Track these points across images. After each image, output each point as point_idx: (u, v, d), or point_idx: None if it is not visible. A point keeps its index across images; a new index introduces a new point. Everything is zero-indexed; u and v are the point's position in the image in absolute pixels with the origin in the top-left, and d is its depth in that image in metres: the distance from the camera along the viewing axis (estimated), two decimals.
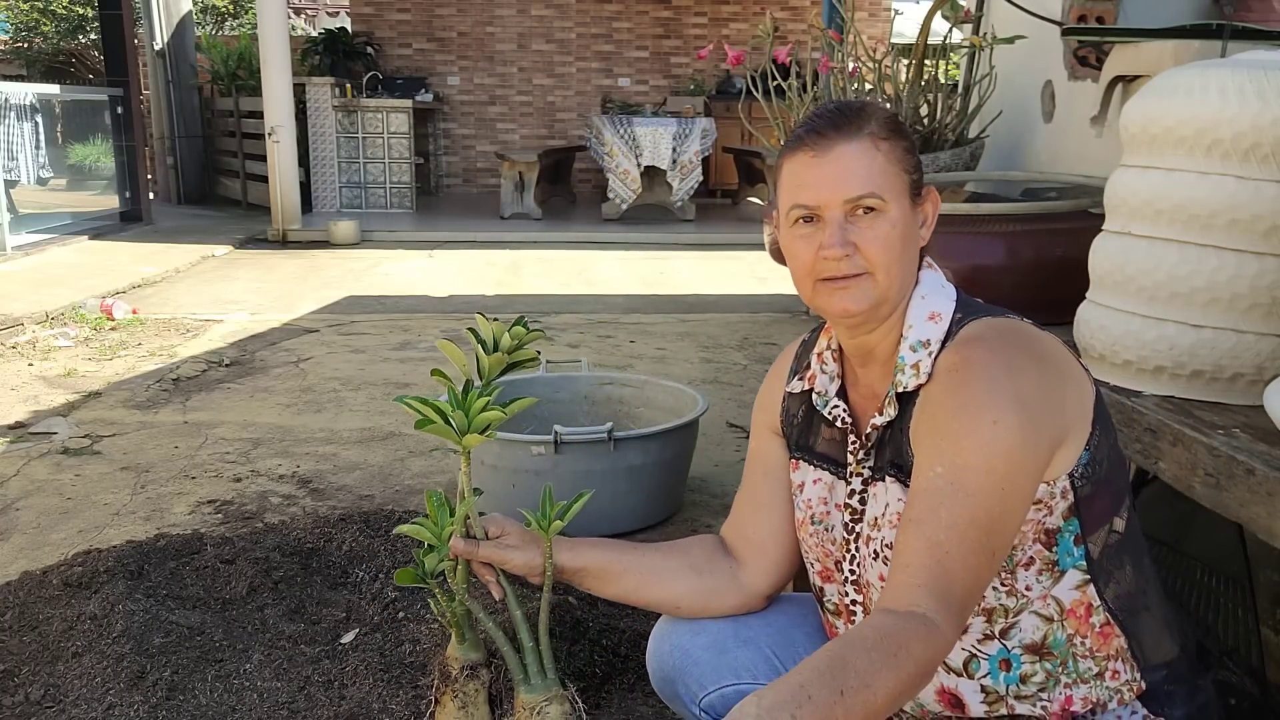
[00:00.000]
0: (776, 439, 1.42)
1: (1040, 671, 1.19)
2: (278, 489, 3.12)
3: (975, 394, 1.12)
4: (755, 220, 9.26)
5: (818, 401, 1.33)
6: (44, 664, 1.94)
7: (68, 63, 16.49)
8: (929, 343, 1.21)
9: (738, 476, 3.33)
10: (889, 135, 1.20)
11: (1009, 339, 1.18)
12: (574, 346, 4.91)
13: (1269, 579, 1.73)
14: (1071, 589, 1.18)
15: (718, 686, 1.38)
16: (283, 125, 8.35)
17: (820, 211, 1.19)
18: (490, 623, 1.44)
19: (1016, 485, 1.10)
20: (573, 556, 1.40)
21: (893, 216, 1.18)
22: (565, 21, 12.16)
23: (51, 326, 5.32)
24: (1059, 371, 1.17)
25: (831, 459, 1.32)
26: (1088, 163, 2.64)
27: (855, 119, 1.20)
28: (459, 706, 1.47)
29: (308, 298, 6.26)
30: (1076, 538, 1.18)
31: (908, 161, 1.22)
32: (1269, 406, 1.27)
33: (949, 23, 3.06)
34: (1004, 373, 1.12)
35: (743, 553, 1.43)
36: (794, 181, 1.21)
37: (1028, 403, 1.11)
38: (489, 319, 1.47)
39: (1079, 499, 1.16)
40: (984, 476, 1.09)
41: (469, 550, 1.39)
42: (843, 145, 1.18)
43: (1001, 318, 1.22)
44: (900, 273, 1.21)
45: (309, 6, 20.26)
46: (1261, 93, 1.38)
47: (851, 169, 1.18)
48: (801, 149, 1.21)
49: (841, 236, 1.18)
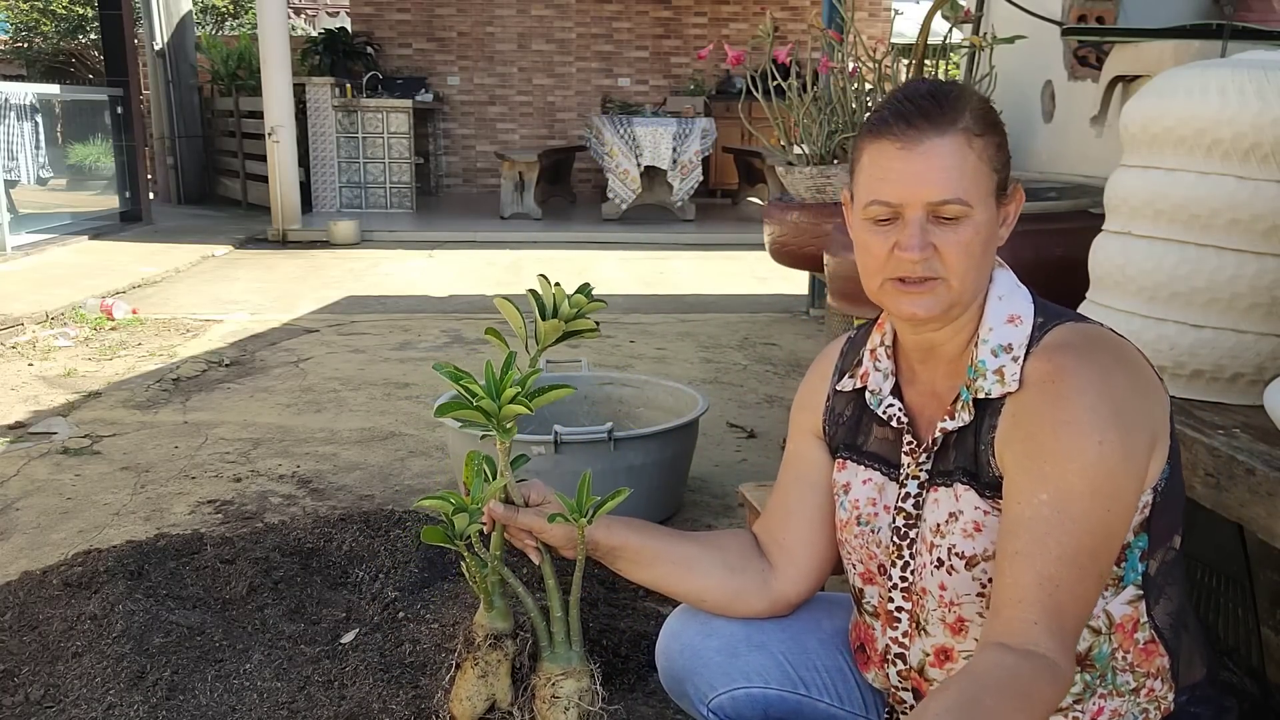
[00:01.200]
0: (816, 442, 1.37)
1: (1079, 683, 1.17)
2: (278, 489, 3.12)
3: (1077, 410, 1.06)
4: (755, 220, 9.26)
5: (871, 400, 1.28)
6: (44, 664, 1.94)
7: (68, 63, 16.49)
8: (1011, 347, 1.15)
9: (738, 476, 3.33)
10: (984, 130, 1.12)
11: (1099, 346, 1.12)
12: (574, 346, 4.91)
13: (1269, 579, 1.73)
14: (1124, 603, 1.16)
15: (728, 689, 1.36)
16: (283, 125, 8.35)
17: (901, 210, 1.12)
18: (521, 587, 1.41)
19: (1122, 503, 1.07)
20: (609, 534, 1.37)
21: (977, 221, 1.11)
22: (565, 21, 12.16)
23: (51, 326, 5.32)
24: (1146, 380, 1.13)
25: (883, 459, 1.27)
26: (1088, 163, 2.63)
27: (950, 109, 1.11)
28: (479, 675, 1.43)
29: (308, 298, 6.26)
30: (1143, 554, 1.15)
31: (999, 159, 1.14)
32: (1269, 406, 1.27)
33: (949, 23, 3.06)
34: (1102, 384, 1.07)
35: (774, 556, 1.39)
36: (875, 172, 1.13)
37: (1126, 415, 1.07)
38: (550, 282, 1.39)
39: (1153, 513, 1.14)
40: (1090, 501, 1.05)
41: (508, 516, 1.36)
42: (933, 139, 1.09)
43: (1084, 323, 1.17)
44: (978, 277, 1.15)
45: (309, 6, 20.26)
46: (1261, 93, 1.38)
47: (941, 169, 1.09)
48: (887, 136, 1.11)
49: (922, 239, 1.11)
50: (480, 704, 1.44)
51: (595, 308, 1.41)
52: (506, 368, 1.34)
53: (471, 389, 1.32)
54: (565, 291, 1.39)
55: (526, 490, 1.40)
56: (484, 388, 1.32)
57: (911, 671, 1.26)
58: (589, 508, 1.33)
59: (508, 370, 1.33)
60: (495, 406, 1.31)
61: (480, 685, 1.43)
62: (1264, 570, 1.73)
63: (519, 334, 1.41)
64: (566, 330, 1.40)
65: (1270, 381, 1.34)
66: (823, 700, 1.39)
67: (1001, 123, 1.17)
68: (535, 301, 1.40)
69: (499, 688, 1.43)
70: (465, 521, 1.35)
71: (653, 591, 2.32)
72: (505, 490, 1.38)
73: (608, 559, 1.40)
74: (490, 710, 1.44)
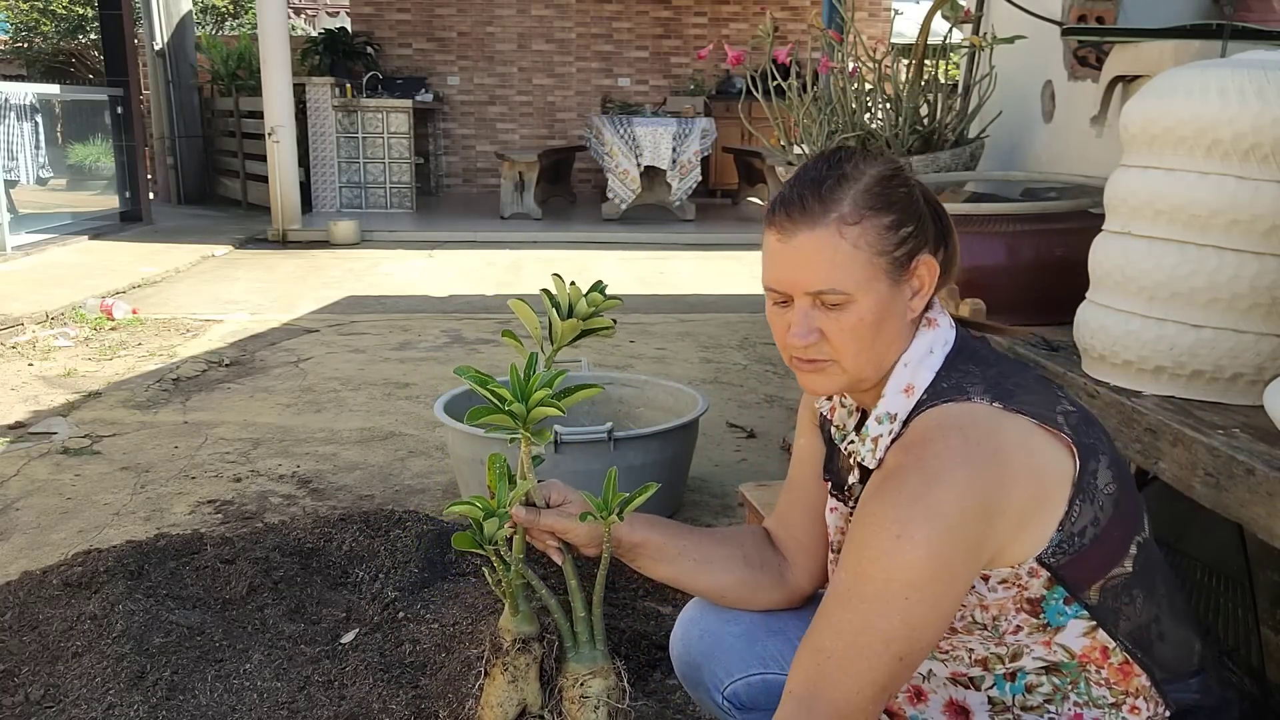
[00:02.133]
0: (821, 436, 1.40)
1: (1048, 684, 1.17)
2: (278, 489, 3.12)
3: (886, 506, 1.08)
4: (755, 220, 9.26)
5: (835, 435, 1.32)
6: (44, 664, 1.94)
7: (68, 63, 16.49)
8: (895, 417, 1.18)
9: (738, 476, 3.33)
10: (860, 217, 1.12)
11: (953, 440, 1.09)
12: (574, 347, 4.91)
13: (1269, 579, 1.73)
14: (1079, 636, 1.15)
15: (744, 675, 1.39)
16: (283, 125, 8.35)
17: (788, 296, 1.16)
18: (545, 588, 1.41)
19: (921, 595, 1.06)
20: (631, 532, 1.38)
21: (860, 307, 1.13)
22: (565, 21, 12.17)
23: (51, 326, 5.32)
24: (1001, 477, 1.08)
25: (846, 489, 1.31)
26: (1088, 163, 2.63)
27: (824, 200, 1.12)
28: (509, 680, 1.42)
29: (308, 298, 6.26)
30: (1066, 599, 1.14)
31: (885, 241, 1.13)
32: (1269, 406, 1.27)
33: (949, 23, 3.06)
34: (925, 487, 1.07)
35: (788, 550, 1.43)
36: (766, 259, 1.18)
37: (941, 520, 1.05)
38: (564, 281, 1.39)
39: (1056, 570, 1.12)
40: (882, 586, 1.06)
41: (531, 519, 1.36)
42: (805, 233, 1.12)
43: (966, 403, 1.13)
44: (874, 356, 1.16)
45: (309, 6, 20.26)
46: (1261, 93, 1.38)
47: (812, 261, 1.12)
48: (772, 226, 1.16)
49: (806, 325, 1.14)
50: (512, 709, 1.43)
51: (611, 305, 1.40)
52: (530, 369, 1.33)
53: (499, 393, 1.31)
54: (580, 290, 1.39)
55: (546, 491, 1.40)
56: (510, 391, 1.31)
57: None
58: (616, 505, 1.33)
59: (531, 371, 1.33)
60: (524, 410, 1.31)
61: (511, 690, 1.42)
62: (1264, 570, 1.73)
63: (534, 335, 1.40)
64: (584, 329, 1.39)
65: (1270, 381, 1.33)
66: None
67: (900, 197, 1.16)
68: (549, 301, 1.39)
69: (529, 691, 1.43)
70: (495, 526, 1.35)
71: (651, 591, 2.33)
72: (527, 493, 1.37)
73: (629, 556, 1.41)
74: (521, 715, 1.44)
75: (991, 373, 1.17)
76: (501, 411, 1.31)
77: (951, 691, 1.23)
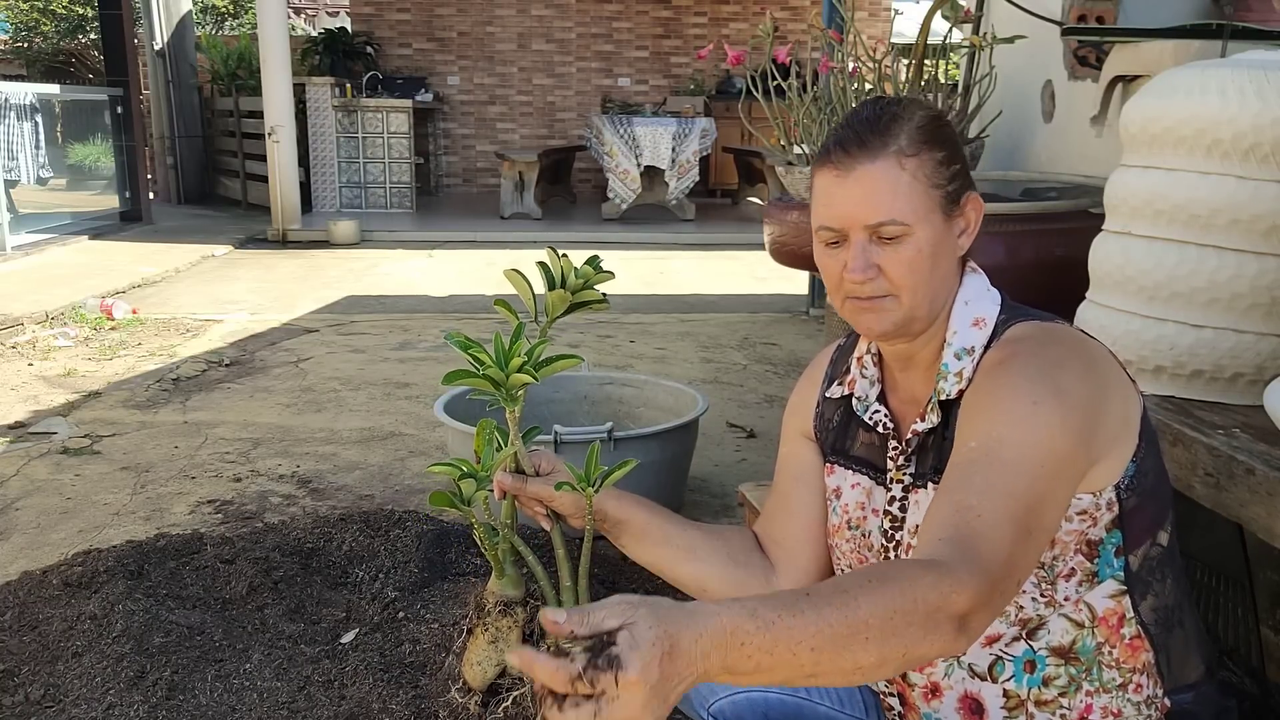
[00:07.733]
0: (809, 444, 1.40)
1: (1064, 675, 1.18)
2: (278, 489, 3.12)
3: (1014, 380, 1.09)
4: (755, 220, 9.26)
5: (858, 407, 1.31)
6: (44, 664, 1.94)
7: (68, 63, 16.49)
8: (973, 349, 1.19)
9: (738, 476, 3.33)
10: (918, 150, 1.15)
11: (1055, 339, 1.15)
12: (574, 346, 4.91)
13: (1269, 579, 1.73)
14: (1106, 597, 1.17)
15: (729, 694, 1.38)
16: (283, 125, 8.35)
17: (846, 233, 1.17)
18: (531, 555, 1.41)
19: (1054, 468, 1.05)
20: (618, 507, 1.39)
21: (919, 239, 1.15)
22: (565, 21, 12.16)
23: (51, 326, 5.32)
24: (1105, 379, 1.13)
25: (870, 464, 1.30)
26: (1088, 163, 2.63)
27: (882, 134, 1.15)
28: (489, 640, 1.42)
29: (307, 298, 6.26)
30: (1118, 549, 1.16)
31: (940, 175, 1.17)
32: (1269, 406, 1.27)
33: (949, 23, 3.06)
34: (1047, 366, 1.09)
35: (774, 555, 1.42)
36: (820, 199, 1.19)
37: (1070, 397, 1.07)
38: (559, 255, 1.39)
39: (1124, 511, 1.14)
40: (1020, 449, 1.05)
41: (517, 486, 1.36)
42: (865, 166, 1.14)
43: (1049, 321, 1.19)
44: (929, 291, 1.18)
45: (309, 6, 20.26)
46: (1261, 93, 1.38)
47: (873, 193, 1.14)
48: (828, 164, 1.17)
49: (864, 260, 1.15)
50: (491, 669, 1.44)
51: (603, 279, 1.40)
52: (516, 337, 1.34)
53: (479, 357, 1.33)
54: (573, 264, 1.39)
55: (537, 460, 1.40)
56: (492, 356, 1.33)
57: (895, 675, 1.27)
58: (596, 477, 1.34)
59: (517, 340, 1.34)
60: (503, 375, 1.32)
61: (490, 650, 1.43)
62: (1264, 570, 1.73)
63: (529, 307, 1.41)
64: (574, 302, 1.40)
65: (1270, 381, 1.34)
66: (823, 703, 1.39)
67: (949, 136, 1.20)
68: (543, 273, 1.39)
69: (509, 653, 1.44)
70: (472, 487, 1.35)
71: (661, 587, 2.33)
72: (516, 460, 1.38)
73: (613, 533, 1.41)
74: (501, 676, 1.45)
75: (1047, 314, 1.21)
76: (479, 376, 1.31)
77: (967, 685, 1.23)
